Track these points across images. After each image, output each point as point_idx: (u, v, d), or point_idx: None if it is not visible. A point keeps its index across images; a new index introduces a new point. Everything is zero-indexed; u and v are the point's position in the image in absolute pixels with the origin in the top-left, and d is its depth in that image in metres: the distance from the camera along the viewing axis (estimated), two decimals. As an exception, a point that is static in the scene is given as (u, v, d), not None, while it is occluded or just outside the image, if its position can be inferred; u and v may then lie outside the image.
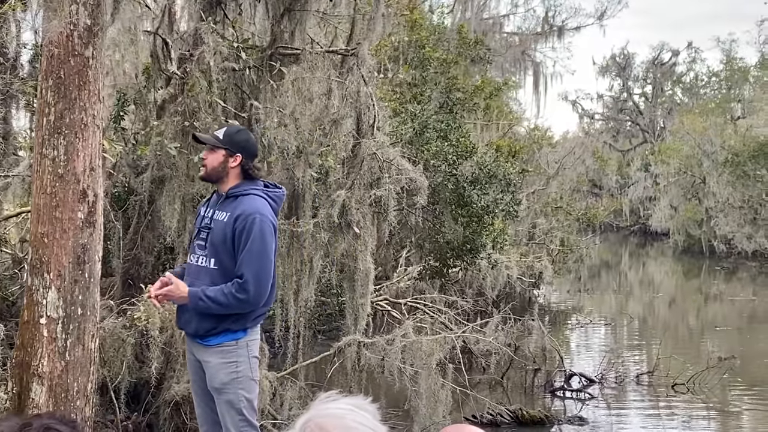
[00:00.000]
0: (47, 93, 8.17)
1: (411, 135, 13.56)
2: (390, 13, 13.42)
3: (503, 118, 24.33)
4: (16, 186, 10.86)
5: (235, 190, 5.81)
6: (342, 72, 11.46)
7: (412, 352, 11.60)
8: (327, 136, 11.31)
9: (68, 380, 8.21)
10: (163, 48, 11.83)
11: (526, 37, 38.88)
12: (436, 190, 13.52)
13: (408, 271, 16.67)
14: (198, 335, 5.78)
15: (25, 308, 8.28)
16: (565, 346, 19.87)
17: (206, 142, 5.89)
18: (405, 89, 15.10)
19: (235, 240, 5.64)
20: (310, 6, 11.30)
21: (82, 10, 8.16)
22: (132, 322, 10.48)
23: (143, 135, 11.65)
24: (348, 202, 11.27)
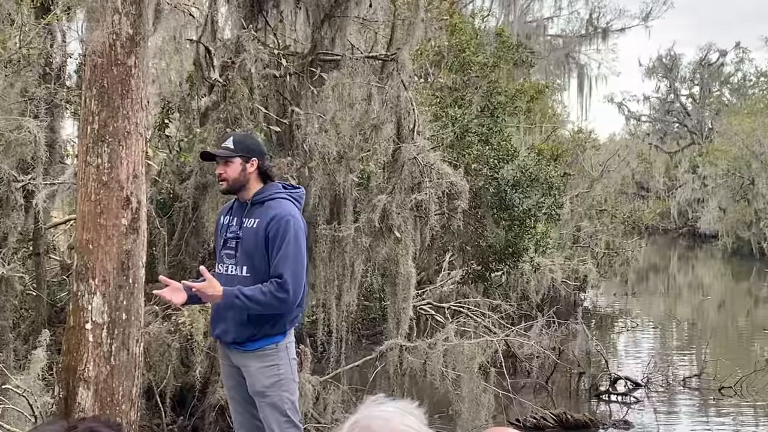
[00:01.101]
0: (91, 102, 8.30)
1: (452, 139, 13.57)
2: (430, 18, 13.45)
3: (546, 121, 24.24)
4: (63, 194, 11.01)
5: (260, 196, 5.82)
6: (382, 77, 11.50)
7: (454, 356, 11.62)
8: (368, 141, 11.36)
9: (113, 384, 8.32)
10: (206, 56, 11.96)
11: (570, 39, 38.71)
12: (478, 194, 13.52)
13: (451, 276, 16.67)
14: (237, 342, 5.78)
15: (71, 314, 8.41)
16: (611, 350, 19.78)
17: (219, 155, 5.87)
18: (446, 93, 15.11)
19: (269, 243, 5.64)
20: (350, 12, 11.37)
21: (124, 20, 8.28)
22: (176, 327, 10.59)
23: (187, 142, 11.78)
24: (389, 207, 11.31)
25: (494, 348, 12.90)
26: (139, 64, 8.39)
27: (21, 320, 11.69)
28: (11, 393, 8.29)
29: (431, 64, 15.35)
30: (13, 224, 9.23)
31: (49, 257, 12.73)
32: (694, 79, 62.66)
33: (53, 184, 9.73)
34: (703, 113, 61.35)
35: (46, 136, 9.40)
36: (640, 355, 19.74)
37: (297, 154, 11.28)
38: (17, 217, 9.26)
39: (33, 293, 11.38)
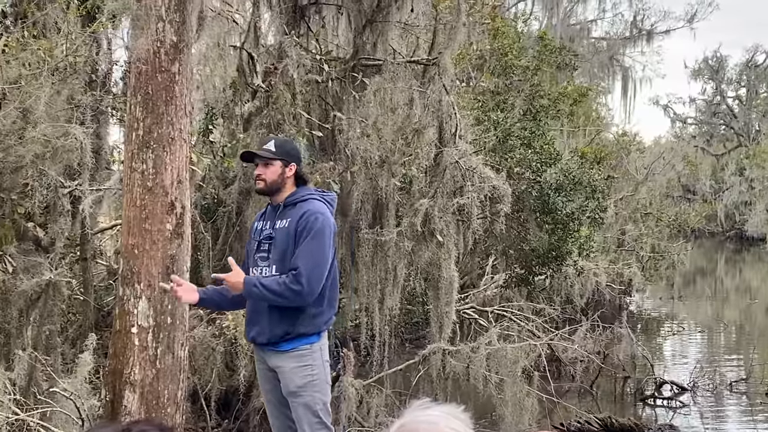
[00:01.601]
0: (136, 108, 8.42)
1: (494, 143, 13.57)
2: (472, 22, 13.46)
3: (590, 124, 24.14)
4: (109, 199, 11.15)
5: (293, 198, 5.89)
6: (424, 82, 11.54)
7: (497, 360, 11.61)
8: (409, 145, 11.40)
9: (159, 388, 8.43)
10: (249, 62, 12.07)
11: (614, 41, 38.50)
12: (521, 197, 13.50)
13: (494, 280, 16.66)
14: (271, 343, 5.80)
15: (117, 318, 8.53)
16: (657, 354, 19.64)
17: (262, 156, 5.93)
18: (488, 97, 15.11)
19: (297, 239, 5.72)
20: (392, 17, 11.41)
21: (168, 28, 8.40)
22: (221, 331, 10.68)
23: (230, 147, 11.88)
24: (431, 211, 11.33)
25: (538, 352, 12.87)
26: (183, 70, 8.50)
27: (69, 324, 11.84)
28: (59, 396, 8.40)
29: (473, 68, 15.36)
30: (60, 230, 9.37)
31: (96, 262, 12.89)
32: (741, 81, 62.00)
33: (99, 190, 9.86)
34: (750, 115, 60.68)
35: (93, 143, 9.53)
36: (687, 359, 19.58)
37: (339, 159, 11.34)
38: (64, 223, 9.39)
39: (80, 298, 11.52)
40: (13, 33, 9.91)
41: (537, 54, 16.18)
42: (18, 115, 8.27)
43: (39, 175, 8.68)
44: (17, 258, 8.82)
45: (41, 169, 8.56)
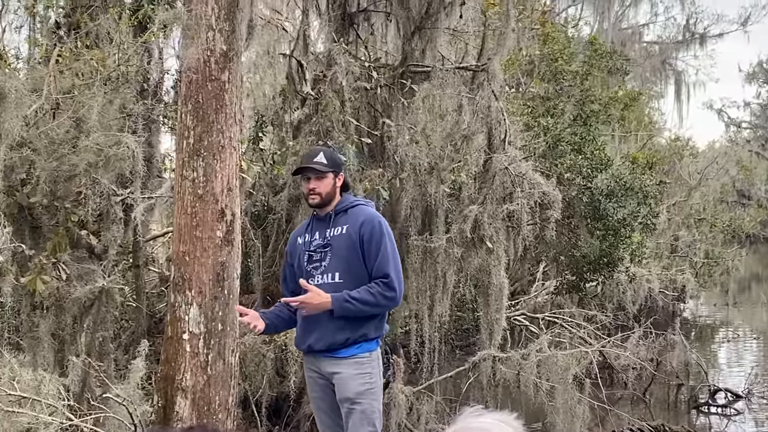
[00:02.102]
0: (186, 117, 8.52)
1: (544, 149, 13.52)
2: (521, 28, 13.43)
3: (642, 129, 23.94)
4: (161, 207, 11.26)
5: (343, 205, 5.89)
6: (472, 88, 11.53)
7: (548, 367, 11.54)
8: (458, 151, 11.39)
9: (210, 393, 8.50)
10: (299, 69, 12.13)
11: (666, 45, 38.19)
12: (571, 203, 13.42)
13: (545, 286, 16.59)
14: (330, 350, 5.79)
15: (169, 324, 8.62)
16: (711, 361, 19.40)
17: (318, 169, 5.90)
18: (538, 103, 15.06)
19: (364, 246, 5.71)
20: (441, 23, 11.42)
21: (218, 37, 8.48)
22: (271, 338, 10.74)
23: (280, 155, 11.95)
24: (480, 217, 11.31)
25: (589, 359, 12.78)
26: (233, 79, 8.59)
27: (122, 331, 11.98)
28: (112, 402, 8.49)
29: (523, 74, 15.32)
30: (113, 237, 9.48)
31: (148, 269, 13.02)
32: (797, 84, 61.23)
33: (151, 198, 9.96)
34: (805, 118, 59.89)
35: (144, 151, 9.62)
36: (742, 367, 19.31)
37: (388, 166, 11.36)
38: (117, 230, 9.50)
39: (133, 304, 11.65)
40: (66, 43, 10.06)
41: (587, 59, 16.10)
42: (71, 124, 8.39)
43: (92, 183, 8.78)
44: (71, 265, 8.94)
45: (94, 177, 8.66)
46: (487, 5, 11.54)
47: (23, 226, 8.89)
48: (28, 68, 10.93)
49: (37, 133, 8.22)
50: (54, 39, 10.41)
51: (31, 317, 8.90)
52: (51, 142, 8.36)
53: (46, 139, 8.36)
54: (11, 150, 7.83)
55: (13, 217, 8.77)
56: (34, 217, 8.87)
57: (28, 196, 8.70)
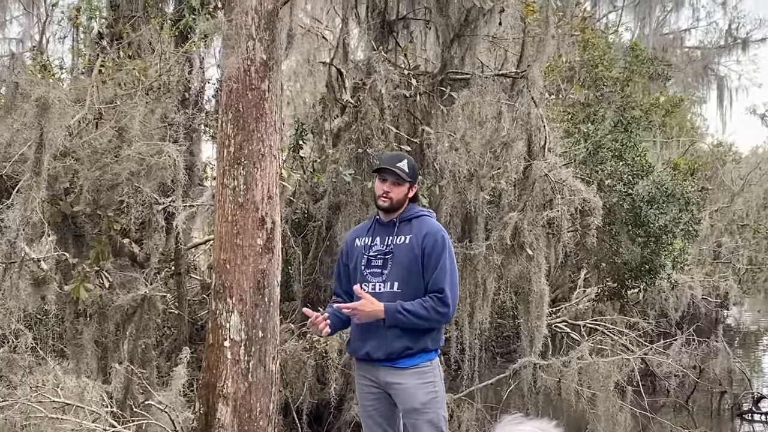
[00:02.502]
0: (227, 126, 8.59)
1: (584, 155, 13.45)
2: (561, 34, 13.39)
3: (684, 135, 23.77)
4: (203, 215, 11.35)
5: (408, 214, 5.84)
6: (512, 95, 11.52)
7: (589, 374, 11.50)
8: (498, 158, 11.38)
9: (251, 401, 8.55)
10: (338, 78, 12.19)
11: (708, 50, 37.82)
12: (612, 210, 13.34)
13: (586, 293, 16.51)
14: (389, 359, 5.70)
15: (210, 332, 8.68)
16: (755, 368, 19.25)
17: (399, 174, 5.75)
18: (578, 109, 15.00)
19: (425, 258, 5.67)
20: (480, 30, 11.42)
21: (258, 46, 8.55)
22: (311, 345, 10.78)
23: (320, 163, 12.01)
24: (520, 224, 11.29)
25: (631, 366, 12.70)
26: (273, 88, 8.65)
27: (164, 338, 12.07)
28: (154, 409, 8.57)
29: (563, 80, 15.27)
30: (155, 245, 9.57)
31: (189, 277, 13.12)
32: (841, 88, 60.52)
33: (192, 206, 10.05)
34: None
35: (186, 160, 9.71)
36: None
37: (428, 173, 11.38)
38: (159, 239, 9.59)
39: (175, 312, 11.74)
40: (109, 53, 10.19)
41: (628, 65, 16.01)
42: (114, 133, 8.48)
43: (134, 192, 8.88)
44: (114, 273, 9.03)
45: (136, 186, 8.76)
46: (527, 12, 11.51)
47: (67, 234, 9.00)
48: (72, 78, 11.07)
49: (80, 143, 8.33)
50: (97, 49, 10.54)
51: (75, 325, 9.00)
52: (94, 151, 8.46)
53: (89, 148, 8.47)
54: (55, 159, 7.93)
55: (56, 226, 8.87)
56: (78, 225, 8.98)
57: (71, 205, 8.81)
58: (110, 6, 11.34)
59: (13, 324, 7.64)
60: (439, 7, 11.34)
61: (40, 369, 8.60)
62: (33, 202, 7.35)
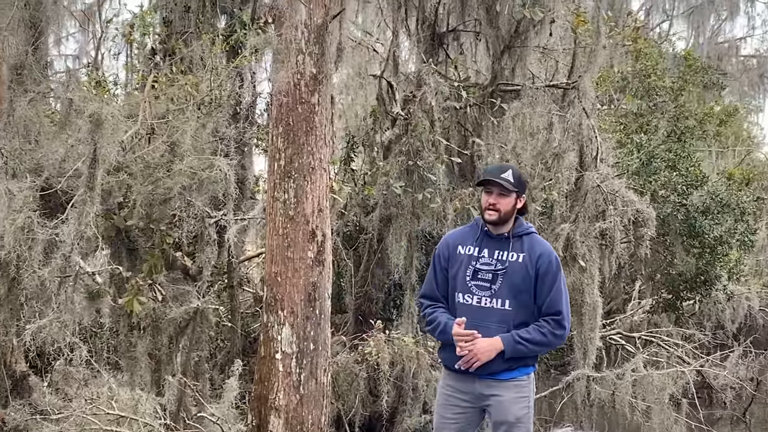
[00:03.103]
0: (277, 139, 8.65)
1: (637, 166, 13.34)
2: (612, 45, 13.30)
3: (740, 144, 23.46)
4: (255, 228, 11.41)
5: (519, 230, 5.66)
6: (563, 105, 11.44)
7: (643, 387, 11.38)
8: (549, 169, 11.31)
9: (303, 413, 8.58)
10: (389, 90, 12.21)
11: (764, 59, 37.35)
12: (666, 221, 13.20)
13: (641, 305, 16.34)
14: (493, 372, 5.56)
15: (262, 344, 8.74)
16: (816, 381, 18.90)
17: (504, 185, 5.57)
18: (631, 120, 14.89)
19: (538, 279, 5.54)
20: (530, 42, 11.37)
21: (308, 60, 8.61)
22: (363, 357, 10.79)
23: (371, 175, 12.03)
24: (572, 236, 11.22)
25: (686, 378, 12.55)
26: (323, 101, 8.70)
27: (218, 351, 12.15)
28: (207, 421, 8.63)
29: (616, 91, 15.17)
30: (207, 258, 9.65)
31: (242, 289, 13.19)
32: None
33: (244, 219, 10.12)
34: None
35: (237, 173, 9.79)
36: None
37: (478, 185, 11.34)
38: (211, 252, 9.67)
39: (228, 325, 11.82)
40: (162, 69, 10.31)
41: (681, 74, 15.86)
42: (166, 148, 8.58)
43: (186, 206, 8.96)
44: (166, 286, 9.13)
45: (188, 200, 8.84)
46: (578, 23, 11.43)
47: (120, 248, 9.11)
48: (125, 94, 11.22)
49: (133, 158, 8.44)
50: (150, 65, 10.67)
51: (129, 337, 9.11)
52: (146, 166, 8.57)
53: (142, 163, 8.57)
54: (108, 174, 8.04)
55: (110, 240, 8.99)
56: (131, 239, 9.09)
57: (125, 219, 8.92)
58: (163, 22, 11.48)
59: (68, 337, 7.74)
60: (489, 19, 11.32)
61: (95, 381, 8.71)
62: (87, 217, 7.45)
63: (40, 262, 7.60)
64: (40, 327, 7.79)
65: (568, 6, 11.53)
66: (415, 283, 11.50)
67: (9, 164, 8.08)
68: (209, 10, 11.21)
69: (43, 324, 7.77)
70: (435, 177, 11.06)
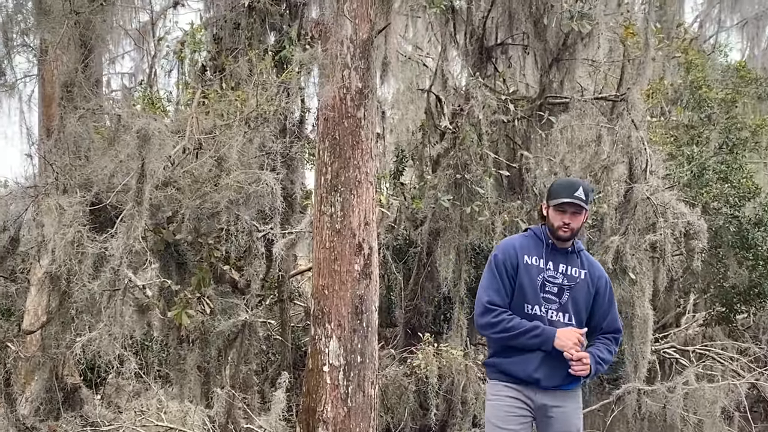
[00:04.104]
0: (324, 153, 8.73)
1: (689, 178, 13.21)
2: (662, 57, 13.23)
3: (797, 156, 23.07)
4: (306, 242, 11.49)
5: (578, 245, 5.75)
6: (612, 118, 11.41)
7: (695, 400, 11.26)
8: (599, 182, 11.26)
9: (351, 425, 8.62)
10: (437, 104, 12.26)
11: (824, 68, 36.84)
12: (718, 233, 13.07)
13: (695, 318, 16.16)
14: (556, 384, 5.61)
15: (310, 357, 8.80)
16: None
17: (580, 205, 5.58)
18: (682, 131, 14.74)
19: (598, 297, 5.67)
20: (578, 54, 11.36)
21: (353, 75, 8.67)
22: (412, 370, 10.81)
23: (419, 189, 12.06)
24: (622, 248, 11.16)
25: (738, 391, 12.37)
26: (368, 115, 8.76)
27: (268, 363, 12.25)
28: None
29: (668, 102, 15.04)
30: (255, 272, 9.75)
31: (294, 303, 13.29)
32: None
33: (291, 233, 10.20)
34: None
35: (286, 188, 9.88)
36: None
37: (527, 197, 11.35)
38: (259, 265, 9.76)
39: (279, 338, 11.91)
40: (212, 85, 10.45)
41: (734, 85, 15.67)
42: (213, 163, 8.69)
43: (234, 220, 9.06)
44: (215, 300, 9.23)
45: (236, 214, 8.94)
46: (626, 35, 11.38)
47: (169, 262, 9.23)
48: (175, 110, 11.37)
49: (181, 173, 8.55)
50: (200, 82, 10.82)
51: (178, 350, 9.22)
52: (194, 180, 8.68)
53: (190, 178, 8.68)
54: (157, 189, 8.16)
55: (160, 254, 9.12)
56: (180, 253, 9.21)
57: (173, 233, 9.04)
58: (213, 39, 11.62)
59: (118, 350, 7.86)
60: (537, 32, 11.32)
61: (145, 394, 8.83)
62: (135, 231, 7.57)
63: (90, 276, 7.73)
64: (91, 339, 7.91)
65: (616, 18, 11.51)
66: (464, 296, 11.51)
67: (60, 180, 8.24)
68: (258, 27, 11.33)
69: (93, 336, 7.89)
70: (483, 190, 11.07)
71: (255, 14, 11.29)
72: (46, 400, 9.09)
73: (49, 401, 9.09)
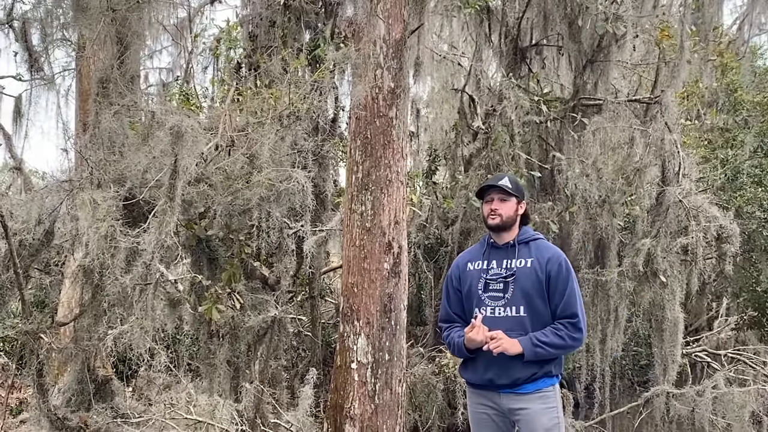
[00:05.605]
0: (355, 152, 8.78)
1: (722, 181, 13.16)
2: (697, 59, 13.17)
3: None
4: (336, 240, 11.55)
5: (524, 237, 5.78)
6: (645, 120, 11.38)
7: (724, 404, 11.20)
8: (631, 184, 11.24)
9: (378, 422, 8.67)
10: (470, 104, 12.28)
11: None
12: (751, 237, 13.02)
13: (728, 322, 16.08)
14: (515, 384, 5.63)
15: (338, 354, 8.86)
16: None
17: (504, 189, 5.75)
18: (716, 135, 14.68)
19: (550, 283, 5.62)
20: (613, 56, 11.34)
21: (386, 74, 8.72)
22: (440, 369, 10.84)
23: (450, 189, 12.09)
24: (653, 251, 11.13)
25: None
26: (400, 115, 8.80)
27: (298, 360, 12.32)
28: (282, 428, 8.76)
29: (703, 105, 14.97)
30: (285, 269, 9.81)
31: (325, 300, 13.35)
32: None
33: (322, 230, 10.26)
34: None
35: (318, 185, 9.93)
36: None
37: (558, 199, 11.34)
38: (289, 262, 9.82)
39: (309, 334, 11.98)
40: (246, 82, 10.53)
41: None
42: (245, 160, 8.76)
43: (265, 217, 9.13)
44: (245, 295, 9.30)
45: (267, 210, 9.01)
46: (661, 37, 11.35)
47: (201, 257, 9.31)
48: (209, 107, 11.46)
49: (213, 169, 8.63)
50: (235, 79, 10.90)
51: (208, 345, 9.30)
52: (226, 177, 8.75)
53: (222, 174, 8.76)
54: (189, 185, 8.24)
55: (191, 249, 9.20)
56: (211, 249, 9.28)
57: (205, 229, 9.12)
58: (249, 37, 11.71)
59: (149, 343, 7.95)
60: (572, 34, 11.32)
61: (175, 387, 8.92)
62: (167, 226, 7.65)
63: (122, 270, 7.82)
64: (122, 332, 8.01)
65: (651, 21, 11.48)
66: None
67: (94, 174, 8.34)
68: (293, 25, 11.40)
69: (124, 329, 7.99)
70: (515, 191, 11.06)
71: (290, 12, 11.35)
72: (78, 391, 9.21)
73: (80, 392, 9.20)
